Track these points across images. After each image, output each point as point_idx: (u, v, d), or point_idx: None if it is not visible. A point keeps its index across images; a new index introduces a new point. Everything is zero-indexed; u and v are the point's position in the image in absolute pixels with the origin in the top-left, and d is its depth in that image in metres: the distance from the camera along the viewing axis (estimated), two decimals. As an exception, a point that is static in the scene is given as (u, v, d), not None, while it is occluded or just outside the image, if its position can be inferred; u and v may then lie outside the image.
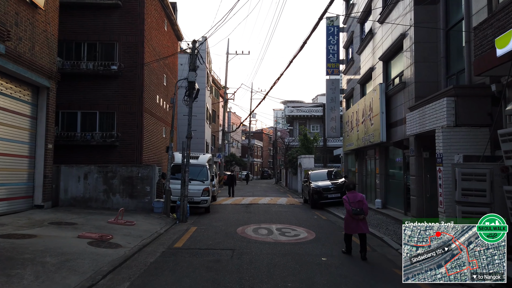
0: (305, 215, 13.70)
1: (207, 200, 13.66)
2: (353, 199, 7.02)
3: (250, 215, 13.51)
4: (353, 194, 7.14)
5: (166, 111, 19.09)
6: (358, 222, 6.88)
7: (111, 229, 8.71)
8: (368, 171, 16.82)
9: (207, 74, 29.21)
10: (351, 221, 6.96)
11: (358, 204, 6.94)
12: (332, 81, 21.81)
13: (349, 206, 6.93)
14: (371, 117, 13.83)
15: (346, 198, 7.09)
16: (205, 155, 15.43)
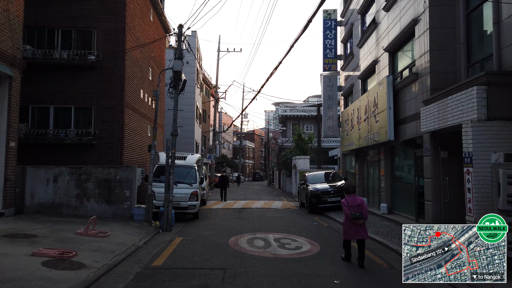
0: (303, 222, 12.41)
1: (195, 205, 12.27)
2: (352, 203, 6.61)
3: (243, 221, 12.16)
4: (352, 198, 6.73)
5: (152, 108, 17.62)
6: (358, 227, 6.50)
7: (78, 243, 7.27)
8: (370, 173, 15.62)
9: (197, 71, 27.81)
10: (350, 226, 6.58)
11: (357, 208, 6.54)
12: (329, 78, 20.66)
13: (348, 210, 6.54)
14: (376, 114, 12.63)
15: (345, 202, 6.68)
16: (193, 155, 14.04)
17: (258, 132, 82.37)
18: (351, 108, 16.71)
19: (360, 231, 6.51)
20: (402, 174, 12.12)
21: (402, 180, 12.07)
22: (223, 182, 20.65)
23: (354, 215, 6.46)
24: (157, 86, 12.74)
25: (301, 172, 23.69)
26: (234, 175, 53.14)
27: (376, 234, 9.48)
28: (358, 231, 6.51)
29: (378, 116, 12.36)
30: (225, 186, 20.54)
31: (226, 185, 20.69)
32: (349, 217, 6.52)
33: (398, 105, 11.56)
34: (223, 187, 20.43)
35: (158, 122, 19.37)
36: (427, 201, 9.31)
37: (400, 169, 12.44)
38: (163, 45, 20.11)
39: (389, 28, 12.45)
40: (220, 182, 21.04)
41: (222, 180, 20.75)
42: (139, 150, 14.99)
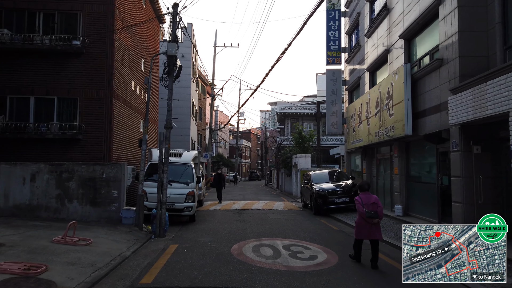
0: (311, 225, 11.28)
1: (192, 207, 11.09)
2: (366, 201, 6.27)
3: (245, 224, 11.00)
4: (366, 196, 6.40)
5: (145, 101, 16.39)
6: (372, 226, 6.19)
7: (53, 253, 6.07)
8: (381, 171, 14.54)
9: (193, 65, 26.57)
10: (363, 225, 6.26)
11: (372, 207, 6.21)
12: (333, 72, 19.55)
13: (362, 208, 6.20)
14: (390, 107, 11.53)
15: (359, 200, 6.32)
16: (190, 152, 12.84)
17: (255, 131, 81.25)
18: (358, 103, 15.62)
19: (374, 231, 6.19)
20: (421, 173, 11.03)
21: (421, 179, 10.98)
22: (219, 181, 18.81)
23: (369, 214, 6.12)
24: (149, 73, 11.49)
25: (302, 171, 22.60)
26: (231, 174, 52.00)
27: (398, 239, 8.38)
28: (372, 231, 6.19)
29: (393, 109, 11.27)
30: (221, 185, 18.76)
31: (222, 185, 18.96)
32: (363, 216, 6.18)
33: (416, 96, 10.48)
34: (219, 187, 18.64)
35: (151, 117, 18.21)
36: (456, 202, 8.22)
37: (417, 167, 11.35)
38: (156, 35, 18.87)
39: (404, 13, 11.36)
40: (215, 182, 19.07)
41: (218, 179, 18.90)
42: (130, 147, 13.77)
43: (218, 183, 18.66)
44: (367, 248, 6.56)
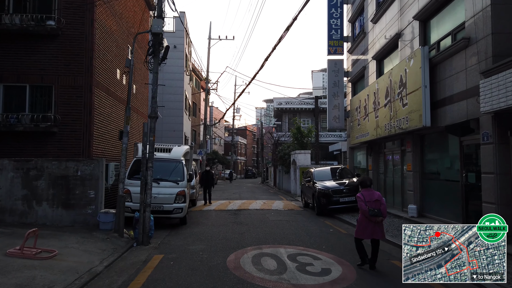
0: (316, 227, 10.10)
1: (182, 208, 9.85)
2: (369, 198, 5.88)
3: (242, 228, 9.80)
4: (369, 192, 6.00)
5: (133, 92, 15.07)
6: (375, 225, 5.80)
7: (2, 271, 4.80)
8: (389, 168, 13.39)
9: (186, 57, 25.21)
10: (366, 224, 5.86)
11: (375, 204, 5.82)
12: (335, 62, 18.33)
13: (364, 206, 5.81)
14: (403, 96, 10.36)
15: (361, 196, 5.92)
16: (180, 147, 11.57)
17: (250, 128, 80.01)
18: (364, 94, 14.43)
19: (377, 230, 5.82)
20: (439, 169, 9.87)
21: (439, 176, 9.83)
22: (207, 179, 16.04)
23: (372, 212, 5.73)
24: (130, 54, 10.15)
25: (301, 168, 21.45)
26: (226, 172, 50.74)
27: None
28: (375, 230, 5.81)
29: (407, 98, 10.10)
30: (209, 185, 16.05)
31: (210, 184, 16.24)
32: (366, 214, 5.79)
33: (435, 83, 9.31)
34: (207, 187, 16.01)
35: (140, 110, 16.86)
36: (488, 203, 7.07)
37: (435, 163, 10.20)
38: (146, 22, 17.50)
39: (420, -9, 10.16)
40: (203, 180, 16.14)
41: (206, 177, 16.06)
42: (115, 142, 12.47)
43: (205, 182, 16.06)
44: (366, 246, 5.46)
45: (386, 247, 7.45)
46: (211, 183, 16.26)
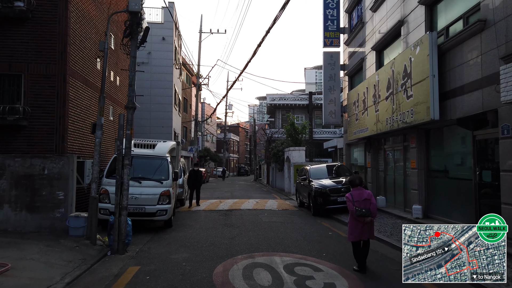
0: (313, 230, 9.27)
1: (167, 210, 8.93)
2: (358, 198, 5.67)
3: (233, 231, 8.92)
4: (358, 191, 5.78)
5: (116, 85, 14.07)
6: (364, 226, 5.57)
7: None
8: (390, 165, 12.62)
9: (175, 50, 24.15)
10: (356, 225, 5.64)
11: (364, 204, 5.60)
12: (331, 55, 17.50)
13: (352, 206, 5.61)
14: (408, 87, 9.56)
15: (350, 197, 5.74)
16: (166, 142, 10.63)
17: (243, 125, 79.05)
18: (362, 87, 13.62)
19: (366, 230, 5.59)
20: (448, 166, 9.09)
21: (447, 174, 9.05)
22: (195, 180, 14.13)
23: (359, 212, 5.51)
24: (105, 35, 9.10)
25: (296, 165, 20.65)
26: (219, 170, 49.75)
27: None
28: (363, 230, 5.57)
29: (412, 90, 9.29)
30: (196, 185, 14.17)
31: (198, 185, 14.29)
32: (353, 214, 5.59)
33: (444, 72, 8.52)
34: (194, 188, 14.17)
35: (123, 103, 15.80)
36: (508, 204, 6.29)
37: (442, 160, 9.41)
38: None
39: (426, -27, 9.34)
40: (190, 181, 14.23)
41: (194, 177, 14.11)
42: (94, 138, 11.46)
43: (193, 183, 14.18)
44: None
45: (394, 254, 6.65)
46: (199, 184, 14.33)
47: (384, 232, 8.42)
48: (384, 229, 8.82)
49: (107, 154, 12.70)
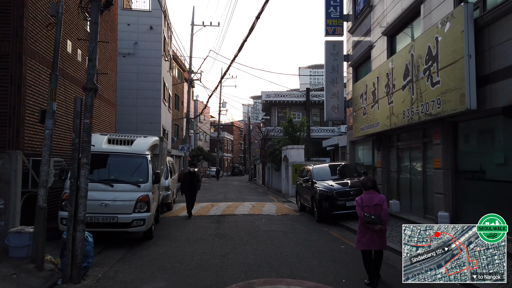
0: (322, 242, 7.76)
1: (145, 220, 7.33)
2: (368, 202, 4.98)
3: (225, 244, 7.36)
4: (369, 195, 5.07)
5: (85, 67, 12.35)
6: (374, 234, 4.85)
7: None
8: (404, 165, 11.14)
9: (164, 40, 22.46)
10: (364, 232, 4.97)
11: (374, 209, 4.90)
12: (333, 44, 16.03)
13: (361, 211, 4.94)
14: (433, 73, 8.07)
15: (359, 200, 5.06)
16: (146, 138, 8.98)
17: (237, 124, 77.44)
18: (372, 76, 12.13)
19: (376, 239, 4.91)
20: (485, 166, 7.61)
21: (484, 175, 7.58)
22: (191, 183, 11.45)
23: (367, 218, 4.86)
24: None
25: (294, 165, 19.17)
26: (212, 169, 48.07)
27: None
28: (373, 239, 4.90)
29: (440, 75, 7.80)
30: (190, 189, 11.35)
31: (195, 188, 11.50)
32: (361, 220, 4.95)
33: (481, 52, 7.04)
34: (189, 191, 11.32)
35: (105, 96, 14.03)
36: None
37: (477, 158, 7.93)
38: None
39: None
40: (184, 185, 11.62)
41: (189, 179, 11.53)
42: (63, 132, 9.83)
43: (188, 187, 11.40)
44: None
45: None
46: (195, 189, 11.50)
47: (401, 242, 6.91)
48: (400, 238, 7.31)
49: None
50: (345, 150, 21.22)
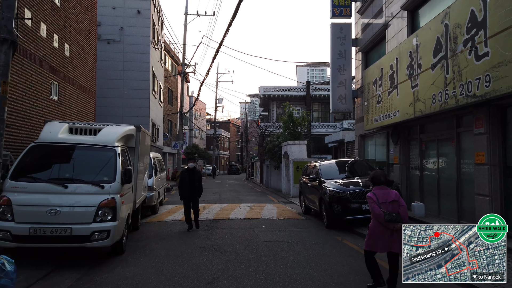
0: (340, 258, 6.07)
1: (109, 231, 5.59)
2: (384, 199, 4.39)
3: (215, 262, 5.66)
4: (383, 191, 4.48)
5: (64, 54, 10.62)
6: (392, 235, 4.34)
7: None
8: (430, 160, 9.47)
9: (154, 27, 20.63)
10: (381, 233, 4.37)
11: (392, 206, 4.36)
12: (340, 27, 14.42)
13: (378, 209, 4.32)
14: (479, 42, 6.39)
15: (373, 196, 4.42)
16: (117, 127, 7.08)
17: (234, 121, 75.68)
18: (389, 58, 10.43)
19: (394, 240, 4.31)
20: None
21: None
22: (191, 185, 8.52)
23: (389, 216, 4.25)
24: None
25: (296, 162, 17.50)
26: (208, 168, 46.38)
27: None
28: (391, 240, 4.32)
29: (489, 45, 6.11)
30: (194, 194, 8.56)
31: (197, 191, 8.62)
32: (380, 219, 4.28)
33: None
34: (192, 197, 8.53)
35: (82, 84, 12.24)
36: None
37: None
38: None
39: None
40: (184, 187, 8.59)
41: (190, 180, 8.55)
42: (28, 123, 8.07)
43: (189, 188, 8.50)
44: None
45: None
46: (197, 191, 8.61)
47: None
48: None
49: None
50: (351, 146, 19.56)
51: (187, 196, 8.54)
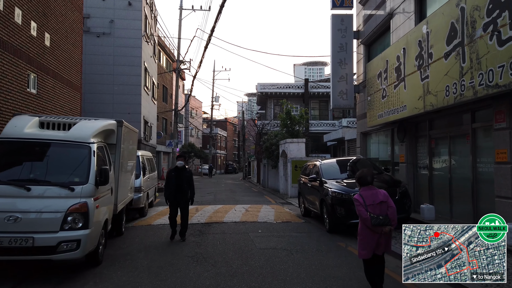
0: (347, 270, 5.35)
1: (79, 240, 4.80)
2: (371, 201, 4.14)
3: (203, 275, 4.92)
4: (371, 192, 4.24)
5: (44, 45, 9.80)
6: (380, 237, 4.10)
7: None
8: (441, 159, 8.75)
9: (146, 20, 19.78)
10: (370, 237, 4.13)
11: (379, 208, 4.12)
12: (341, 18, 13.69)
13: (365, 213, 4.08)
14: (502, 26, 5.66)
15: (360, 198, 4.19)
16: (93, 122, 6.20)
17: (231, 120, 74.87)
18: (395, 49, 9.69)
19: (381, 242, 4.13)
20: None
21: None
22: (178, 187, 7.35)
23: (376, 220, 4.02)
24: None
25: (294, 161, 16.74)
26: (204, 167, 45.55)
27: None
28: (380, 243, 4.12)
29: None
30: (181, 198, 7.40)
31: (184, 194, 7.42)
32: (367, 223, 4.06)
33: None
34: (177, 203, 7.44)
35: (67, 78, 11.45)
36: None
37: None
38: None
39: None
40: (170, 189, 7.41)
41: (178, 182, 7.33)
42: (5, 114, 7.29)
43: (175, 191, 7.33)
44: None
45: None
46: (184, 194, 7.41)
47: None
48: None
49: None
50: (352, 144, 18.86)
51: (173, 201, 7.36)
